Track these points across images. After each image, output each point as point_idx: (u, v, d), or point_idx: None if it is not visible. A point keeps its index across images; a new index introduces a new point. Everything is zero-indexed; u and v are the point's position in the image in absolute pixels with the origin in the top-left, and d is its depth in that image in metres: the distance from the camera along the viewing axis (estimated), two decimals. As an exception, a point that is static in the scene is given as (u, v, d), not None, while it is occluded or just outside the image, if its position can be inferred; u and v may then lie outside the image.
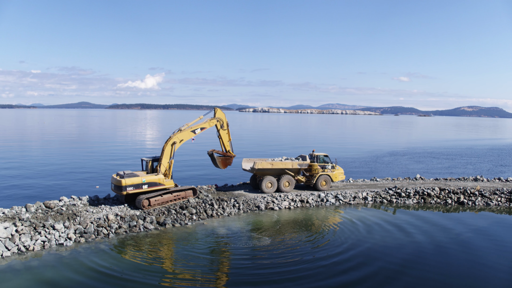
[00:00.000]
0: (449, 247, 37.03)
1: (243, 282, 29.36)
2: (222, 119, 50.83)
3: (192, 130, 48.78)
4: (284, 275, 30.28)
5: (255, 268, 31.58)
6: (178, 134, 47.76)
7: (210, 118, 50.85)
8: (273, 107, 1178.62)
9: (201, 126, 49.55)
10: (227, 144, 51.85)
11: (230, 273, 31.39)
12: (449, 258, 34.43)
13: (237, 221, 44.41)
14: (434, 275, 30.95)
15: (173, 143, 47.07)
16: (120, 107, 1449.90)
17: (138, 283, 28.63)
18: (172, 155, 47.10)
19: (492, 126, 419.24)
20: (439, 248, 36.76)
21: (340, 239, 38.48)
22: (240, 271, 31.26)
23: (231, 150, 52.33)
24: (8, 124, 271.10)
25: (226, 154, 51.91)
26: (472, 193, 54.81)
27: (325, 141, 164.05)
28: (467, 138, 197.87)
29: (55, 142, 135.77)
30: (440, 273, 31.44)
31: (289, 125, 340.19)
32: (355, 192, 54.58)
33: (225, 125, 51.05)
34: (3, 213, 38.99)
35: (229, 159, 52.16)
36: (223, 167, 52.33)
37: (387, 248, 36.54)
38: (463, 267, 32.70)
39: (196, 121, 50.03)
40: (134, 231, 39.41)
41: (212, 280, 29.73)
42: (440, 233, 41.11)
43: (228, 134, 51.75)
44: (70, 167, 79.48)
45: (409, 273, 31.33)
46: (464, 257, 34.89)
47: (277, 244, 37.02)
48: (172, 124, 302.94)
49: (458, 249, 36.60)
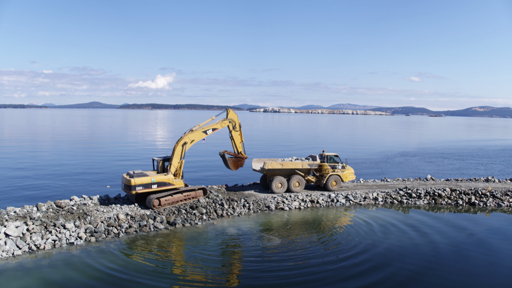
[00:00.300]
0: (464, 248, 36.77)
1: (253, 285, 29.25)
2: (234, 120, 50.69)
3: (203, 130, 48.66)
4: (295, 278, 30.20)
5: (265, 271, 31.31)
6: (189, 134, 47.71)
7: (222, 119, 50.65)
8: (284, 107, 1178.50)
9: (213, 127, 49.40)
10: (239, 146, 51.72)
11: (240, 275, 31.27)
12: (464, 259, 34.23)
13: (247, 221, 44.38)
14: (451, 276, 30.86)
15: (184, 143, 47.01)
16: (131, 107, 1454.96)
17: (148, 283, 28.65)
18: (182, 155, 47.08)
19: (504, 127, 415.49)
20: (453, 249, 36.52)
21: (352, 241, 38.22)
22: (250, 273, 31.12)
23: (243, 152, 52.24)
24: (20, 124, 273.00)
25: (238, 156, 51.79)
26: (483, 194, 54.39)
27: (336, 141, 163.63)
28: (478, 139, 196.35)
29: (67, 142, 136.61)
30: (457, 273, 31.36)
31: (299, 125, 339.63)
32: (366, 193, 54.37)
33: (238, 126, 50.93)
34: (14, 212, 39.26)
35: (240, 161, 52.04)
36: (235, 169, 52.24)
37: (401, 250, 36.22)
38: (479, 268, 32.47)
39: (208, 121, 49.88)
40: (144, 230, 39.51)
41: (222, 282, 29.63)
42: (453, 234, 40.82)
43: (241, 135, 51.63)
44: (82, 167, 79.86)
45: (427, 273, 31.17)
46: (480, 257, 34.66)
47: (287, 245, 36.93)
48: (182, 124, 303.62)
49: (473, 250, 36.30)
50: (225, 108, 51.93)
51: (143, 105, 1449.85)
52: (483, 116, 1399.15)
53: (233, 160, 51.66)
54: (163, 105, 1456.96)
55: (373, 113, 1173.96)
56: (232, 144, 51.83)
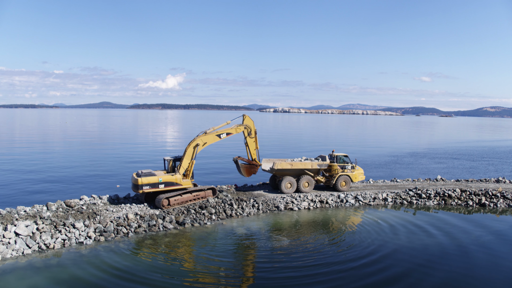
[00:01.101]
0: (473, 249, 36.45)
1: (263, 285, 29.15)
2: (250, 126, 50.51)
3: (217, 134, 48.62)
4: (305, 279, 30.08)
5: (275, 272, 31.21)
6: (202, 136, 47.72)
7: (237, 124, 50.49)
8: (294, 107, 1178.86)
9: (227, 131, 49.25)
10: (254, 153, 51.54)
11: (250, 276, 31.24)
12: (474, 260, 33.93)
13: (256, 221, 44.35)
14: (461, 277, 30.68)
15: (196, 145, 47.12)
16: (141, 107, 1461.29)
17: (157, 283, 28.71)
18: (193, 157, 47.12)
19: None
20: (463, 250, 36.21)
21: (362, 242, 37.99)
22: (260, 274, 31.09)
23: (257, 159, 52.05)
24: (32, 124, 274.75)
25: (251, 163, 51.64)
26: (494, 195, 53.97)
27: (345, 141, 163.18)
28: (489, 139, 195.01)
29: (77, 141, 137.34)
30: (467, 274, 31.14)
31: (309, 125, 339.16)
32: (375, 193, 54.16)
33: (253, 132, 50.70)
34: (24, 211, 39.47)
35: (254, 168, 51.90)
36: (247, 175, 52.16)
37: (411, 251, 35.90)
38: (487, 270, 32.17)
39: (223, 125, 49.72)
40: (154, 230, 39.60)
41: (231, 282, 29.55)
42: (463, 236, 40.45)
43: (256, 142, 51.44)
44: (92, 166, 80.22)
45: (436, 274, 30.92)
46: (489, 259, 34.32)
47: (297, 246, 36.78)
48: (193, 124, 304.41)
49: (482, 251, 35.97)
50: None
51: (153, 105, 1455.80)
52: (494, 116, 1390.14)
53: (246, 167, 51.54)
54: (173, 105, 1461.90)
55: (383, 113, 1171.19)
56: (246, 151, 51.76)
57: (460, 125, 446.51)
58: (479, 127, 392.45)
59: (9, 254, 32.51)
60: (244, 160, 51.74)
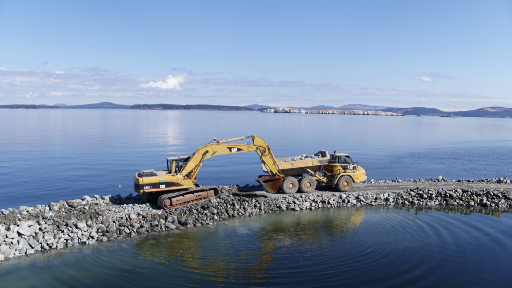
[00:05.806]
0: (474, 249, 36.43)
1: (264, 285, 29.28)
2: (262, 145, 50.39)
3: (229, 147, 48.83)
4: (307, 278, 30.13)
5: (276, 272, 31.40)
6: (214, 145, 48.02)
7: (249, 143, 50.36)
8: (294, 108, 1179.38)
9: (238, 147, 49.33)
10: (273, 168, 51.32)
11: (251, 276, 31.18)
12: (474, 261, 33.90)
13: (258, 221, 44.42)
14: (462, 277, 30.73)
15: (205, 152, 47.36)
16: (142, 107, 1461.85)
17: (159, 283, 28.76)
18: (200, 161, 47.47)
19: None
20: (464, 249, 36.20)
21: (364, 242, 38.02)
22: (261, 273, 31.25)
23: (279, 172, 51.75)
24: (32, 124, 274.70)
25: (274, 178, 51.50)
26: (495, 195, 54.00)
27: (346, 142, 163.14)
28: (490, 139, 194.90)
29: (79, 142, 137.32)
30: (468, 274, 31.20)
31: (310, 125, 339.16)
32: (377, 193, 54.21)
33: (267, 150, 50.55)
34: (27, 211, 39.56)
35: (277, 182, 51.45)
36: (274, 191, 51.51)
37: (414, 251, 35.89)
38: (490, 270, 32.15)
39: (237, 139, 49.84)
40: (156, 230, 39.66)
41: (233, 282, 29.55)
42: (465, 236, 40.44)
43: (272, 157, 51.21)
44: (94, 166, 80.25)
45: (437, 274, 30.91)
46: (490, 259, 34.26)
47: (299, 246, 36.89)
48: (194, 124, 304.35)
49: (483, 251, 35.97)
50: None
51: (154, 106, 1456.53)
52: (495, 117, 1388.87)
53: (270, 184, 51.13)
54: (174, 106, 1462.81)
55: (384, 114, 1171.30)
56: (265, 168, 51.83)
57: (461, 125, 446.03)
58: (480, 127, 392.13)
59: (12, 254, 32.58)
60: (265, 178, 51.73)
